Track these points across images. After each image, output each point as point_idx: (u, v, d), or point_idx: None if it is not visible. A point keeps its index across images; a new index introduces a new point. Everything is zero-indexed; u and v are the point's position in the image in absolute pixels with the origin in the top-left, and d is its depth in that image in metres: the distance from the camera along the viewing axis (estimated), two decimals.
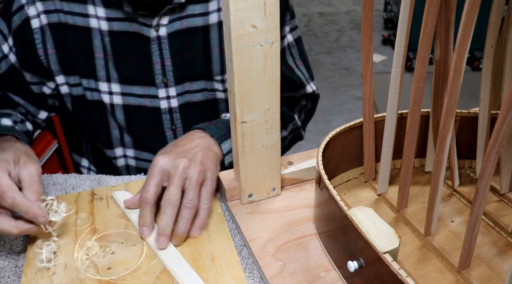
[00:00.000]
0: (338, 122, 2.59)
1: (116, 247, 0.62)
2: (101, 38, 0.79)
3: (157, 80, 0.82)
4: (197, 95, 0.86)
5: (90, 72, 0.81)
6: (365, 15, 0.58)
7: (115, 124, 0.87)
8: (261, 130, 0.62)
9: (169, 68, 0.82)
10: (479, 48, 1.29)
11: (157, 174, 0.63)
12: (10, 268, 0.60)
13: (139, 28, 0.78)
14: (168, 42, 0.80)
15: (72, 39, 0.79)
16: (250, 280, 0.57)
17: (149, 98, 0.84)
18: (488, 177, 0.47)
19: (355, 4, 4.57)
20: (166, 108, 0.85)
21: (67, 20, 0.77)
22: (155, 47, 0.80)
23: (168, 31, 0.79)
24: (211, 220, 0.66)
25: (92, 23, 0.78)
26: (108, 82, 0.82)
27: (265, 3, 0.54)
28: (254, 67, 0.57)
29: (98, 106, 0.84)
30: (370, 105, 0.64)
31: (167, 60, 0.81)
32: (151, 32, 0.78)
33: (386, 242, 0.47)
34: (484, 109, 0.64)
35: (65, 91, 0.84)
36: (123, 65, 0.81)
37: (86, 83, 0.82)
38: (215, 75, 0.84)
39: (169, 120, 0.86)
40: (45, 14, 0.77)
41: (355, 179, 0.72)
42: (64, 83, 0.83)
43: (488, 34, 0.58)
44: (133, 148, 0.91)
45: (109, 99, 0.83)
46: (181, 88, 0.84)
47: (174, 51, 0.81)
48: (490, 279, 0.54)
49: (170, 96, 0.84)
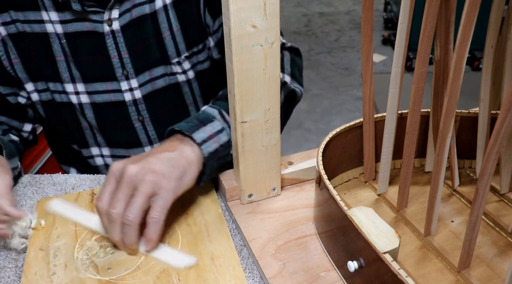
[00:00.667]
0: (338, 122, 2.59)
1: (116, 247, 0.62)
2: (59, 41, 0.80)
3: (118, 73, 0.83)
4: (159, 82, 0.87)
5: (55, 75, 0.83)
6: (365, 15, 0.58)
7: (86, 123, 0.88)
8: (261, 130, 0.62)
9: (127, 60, 0.82)
10: (479, 48, 1.29)
11: (110, 181, 0.59)
12: (10, 268, 0.60)
13: (93, 25, 0.79)
14: (122, 35, 0.81)
15: (33, 46, 0.80)
16: (250, 280, 0.57)
17: (113, 93, 0.85)
18: (488, 177, 0.47)
19: (355, 4, 4.56)
20: (130, 100, 0.86)
21: (25, 28, 0.79)
22: (110, 42, 0.80)
23: (121, 24, 0.80)
24: (211, 220, 0.66)
25: (48, 28, 0.79)
26: (73, 83, 0.83)
27: (265, 3, 0.54)
28: (254, 67, 0.57)
29: (68, 107, 0.86)
30: (370, 105, 0.64)
31: (124, 52, 0.82)
32: (105, 27, 0.79)
33: (386, 242, 0.47)
34: (484, 109, 0.64)
35: (36, 98, 0.85)
36: (83, 64, 0.82)
37: (53, 86, 0.83)
38: (172, 58, 0.85)
39: (135, 111, 0.87)
40: (3, 26, 0.78)
41: (355, 179, 0.72)
42: (33, 90, 0.84)
43: (488, 34, 0.58)
44: (107, 147, 0.92)
45: (77, 99, 0.85)
46: (143, 78, 0.85)
47: (129, 42, 0.82)
48: (490, 279, 0.54)
49: (132, 88, 0.85)
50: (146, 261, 0.59)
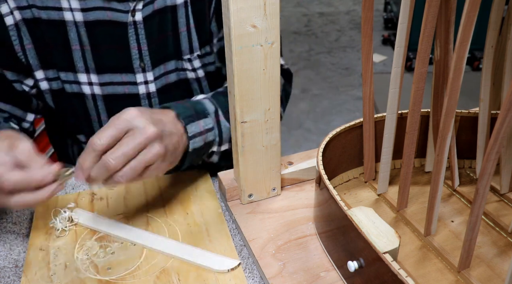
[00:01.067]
0: (338, 122, 2.59)
1: (116, 247, 0.62)
2: (76, 30, 0.79)
3: (135, 65, 0.83)
4: (172, 76, 0.86)
5: (68, 65, 0.82)
6: (365, 15, 0.58)
7: (95, 115, 0.87)
8: (261, 130, 0.62)
9: (146, 53, 0.82)
10: (479, 48, 1.29)
11: (119, 126, 0.57)
12: (10, 268, 0.60)
13: (115, 15, 0.79)
14: (144, 27, 0.80)
15: (48, 33, 0.79)
16: (250, 280, 0.57)
17: (128, 85, 0.84)
18: (488, 177, 0.47)
19: (355, 4, 4.56)
20: (144, 94, 0.85)
21: (41, 15, 0.77)
22: (132, 32, 0.80)
23: (143, 15, 0.80)
24: (211, 220, 0.66)
25: (66, 16, 0.78)
26: (87, 73, 0.82)
27: (265, 3, 0.54)
28: (254, 67, 0.57)
29: (78, 98, 0.85)
30: (370, 105, 0.64)
31: (143, 44, 0.81)
32: (128, 18, 0.79)
33: (386, 242, 0.47)
34: (484, 109, 0.64)
35: (45, 87, 0.84)
36: (100, 54, 0.81)
37: (64, 76, 0.82)
38: (184, 54, 0.85)
39: (148, 105, 0.87)
40: (18, 10, 0.77)
41: (355, 179, 0.72)
42: (43, 79, 0.83)
43: (488, 34, 0.58)
44: None
45: (90, 90, 0.84)
46: (158, 71, 0.85)
47: (149, 34, 0.81)
48: (490, 279, 0.54)
49: (148, 81, 0.84)
50: (146, 261, 0.59)
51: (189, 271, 0.57)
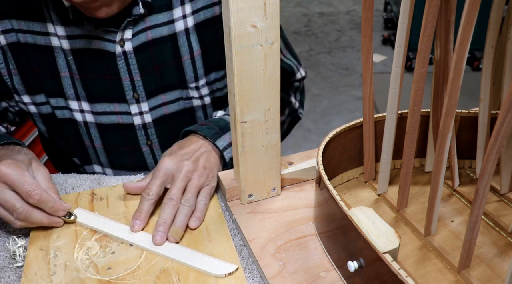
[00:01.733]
0: (338, 122, 2.59)
1: (116, 247, 0.62)
2: (64, 56, 0.76)
3: (128, 96, 0.80)
4: (173, 106, 0.84)
5: (57, 91, 0.79)
6: (365, 15, 0.58)
7: (89, 142, 0.85)
8: (261, 130, 0.62)
9: (139, 83, 0.79)
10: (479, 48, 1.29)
11: (161, 176, 0.66)
12: (10, 268, 0.60)
13: (103, 44, 0.76)
14: (135, 57, 0.77)
15: (35, 59, 0.76)
16: (250, 280, 0.57)
17: (121, 115, 0.82)
18: (488, 177, 0.47)
19: (355, 4, 4.56)
20: (140, 124, 0.83)
21: (27, 39, 0.74)
22: (122, 63, 0.77)
23: (134, 45, 0.76)
24: (211, 220, 0.66)
25: (53, 42, 0.75)
26: (78, 101, 0.80)
27: (265, 3, 0.54)
28: (254, 67, 0.57)
29: (71, 124, 0.82)
30: (370, 105, 0.64)
31: (136, 75, 0.78)
32: (116, 48, 0.76)
33: (386, 242, 0.47)
34: (484, 109, 0.64)
35: (33, 110, 0.82)
36: (90, 83, 0.78)
37: (55, 102, 0.80)
38: (190, 83, 0.83)
39: (144, 136, 0.85)
40: (3, 34, 0.74)
41: (355, 179, 0.72)
42: (30, 103, 0.81)
43: (488, 34, 0.58)
44: (110, 168, 0.89)
45: (82, 117, 0.81)
46: (155, 101, 0.82)
47: (142, 65, 0.78)
48: (490, 279, 0.54)
49: (143, 112, 0.82)
50: (146, 261, 0.59)
51: (189, 271, 0.57)
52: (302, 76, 0.95)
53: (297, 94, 0.97)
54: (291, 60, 0.91)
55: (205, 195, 0.67)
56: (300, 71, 0.94)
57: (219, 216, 0.67)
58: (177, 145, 0.72)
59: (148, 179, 0.69)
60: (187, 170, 0.66)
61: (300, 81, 0.97)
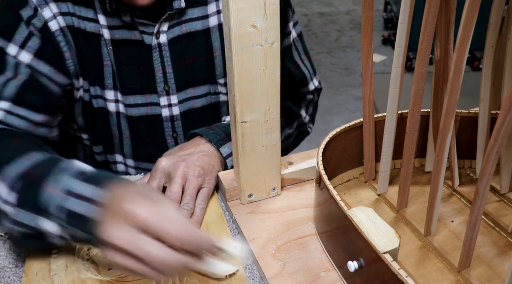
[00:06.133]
0: (338, 122, 2.59)
1: None
2: (106, 45, 0.78)
3: (159, 88, 0.81)
4: (201, 100, 0.85)
5: (98, 79, 0.80)
6: (365, 15, 0.58)
7: (116, 132, 0.85)
8: (261, 130, 0.62)
9: (171, 76, 0.80)
10: (479, 48, 1.29)
11: (158, 176, 0.67)
12: (10, 268, 0.60)
13: (141, 36, 0.77)
14: (169, 49, 0.79)
15: (85, 45, 0.77)
16: (250, 280, 0.57)
17: (150, 106, 0.83)
18: (488, 177, 0.47)
19: (355, 4, 4.56)
20: (167, 116, 0.84)
21: (80, 25, 0.76)
22: (157, 55, 0.78)
23: (168, 37, 0.78)
24: (211, 220, 0.66)
25: (100, 30, 0.76)
26: (114, 90, 0.81)
27: (265, 3, 0.54)
28: (254, 67, 0.57)
29: (102, 113, 0.83)
30: (370, 105, 0.64)
31: (168, 67, 0.80)
32: (152, 40, 0.77)
33: (386, 242, 0.47)
34: (484, 109, 0.64)
35: (80, 94, 0.81)
36: (124, 74, 0.80)
37: (93, 90, 0.81)
38: (219, 78, 0.84)
39: (171, 128, 0.85)
40: (61, 15, 0.75)
41: (355, 179, 0.72)
42: (80, 87, 0.81)
43: (488, 34, 0.58)
44: (132, 159, 0.89)
45: (115, 107, 0.82)
46: (184, 94, 0.83)
47: (175, 57, 0.79)
48: (490, 279, 0.54)
49: (172, 104, 0.83)
50: None
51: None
52: (316, 87, 0.94)
53: (309, 108, 0.96)
54: (308, 68, 0.92)
55: (202, 199, 0.67)
56: (313, 81, 0.93)
57: (219, 216, 0.67)
58: (179, 146, 0.73)
59: (146, 179, 0.69)
60: (183, 169, 0.67)
61: (314, 93, 0.96)
